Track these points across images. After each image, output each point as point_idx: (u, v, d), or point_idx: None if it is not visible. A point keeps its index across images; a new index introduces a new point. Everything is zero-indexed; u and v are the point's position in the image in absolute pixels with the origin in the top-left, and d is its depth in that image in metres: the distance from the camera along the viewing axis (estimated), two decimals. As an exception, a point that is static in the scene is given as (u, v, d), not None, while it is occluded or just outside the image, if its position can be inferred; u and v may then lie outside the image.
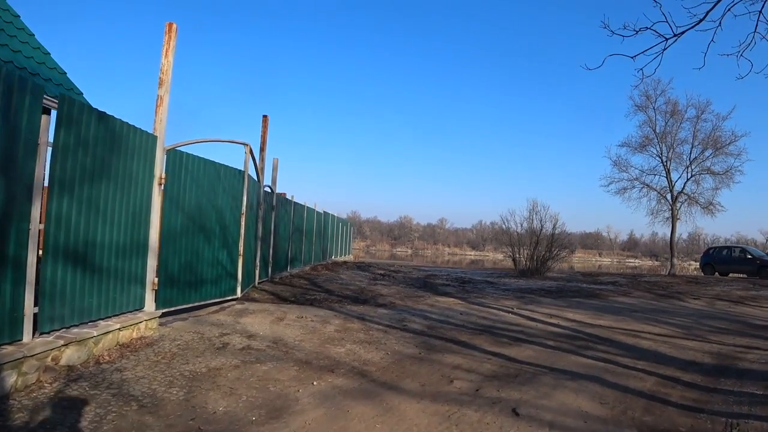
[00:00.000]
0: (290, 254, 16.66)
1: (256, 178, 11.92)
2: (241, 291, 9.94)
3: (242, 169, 9.85)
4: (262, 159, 12.84)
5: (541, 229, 20.09)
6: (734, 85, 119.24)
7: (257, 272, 12.25)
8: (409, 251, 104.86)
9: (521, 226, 20.51)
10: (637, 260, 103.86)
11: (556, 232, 20.13)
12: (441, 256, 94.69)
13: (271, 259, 13.83)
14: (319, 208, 22.19)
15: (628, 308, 11.36)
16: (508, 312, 10.18)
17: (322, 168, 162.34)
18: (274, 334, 7.17)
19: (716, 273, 25.35)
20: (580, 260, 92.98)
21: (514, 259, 20.21)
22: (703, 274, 25.92)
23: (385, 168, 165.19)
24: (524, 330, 8.31)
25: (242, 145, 10.05)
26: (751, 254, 24.67)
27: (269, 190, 13.75)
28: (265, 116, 13.21)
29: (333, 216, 26.84)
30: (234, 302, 9.55)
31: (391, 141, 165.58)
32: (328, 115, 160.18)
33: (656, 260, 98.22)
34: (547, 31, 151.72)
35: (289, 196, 16.69)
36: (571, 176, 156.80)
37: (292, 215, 16.82)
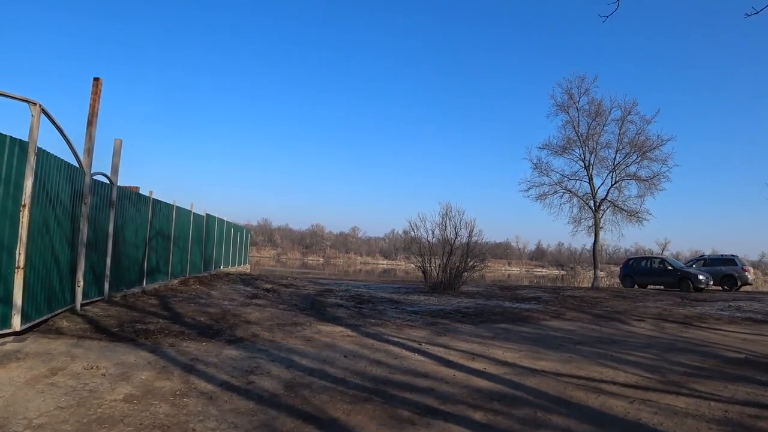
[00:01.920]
0: (147, 265, 13.09)
1: (77, 163, 8.67)
2: (28, 320, 6.87)
3: (22, 140, 6.58)
4: (90, 136, 9.36)
5: (455, 237, 17.66)
6: (660, 87, 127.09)
7: (79, 290, 8.90)
8: (321, 260, 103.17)
9: (432, 233, 17.99)
10: (544, 269, 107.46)
11: (473, 240, 17.79)
12: (353, 265, 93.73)
13: (108, 272, 10.37)
14: (199, 209, 18.55)
15: (569, 338, 8.95)
16: (414, 350, 7.37)
17: (231, 173, 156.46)
18: (2, 413, 3.98)
19: (635, 285, 24.39)
20: (491, 270, 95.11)
21: (424, 272, 17.62)
22: (622, 286, 24.90)
23: (297, 175, 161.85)
24: (436, 387, 5.49)
25: (26, 104, 6.72)
26: (671, 265, 23.88)
27: (105, 180, 10.23)
28: (96, 79, 9.71)
29: (221, 220, 23.17)
30: (11, 338, 6.30)
31: (303, 148, 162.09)
32: (239, 121, 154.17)
33: (562, 269, 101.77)
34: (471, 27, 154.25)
35: (146, 192, 13.13)
36: (481, 186, 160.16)
37: (151, 216, 13.22)
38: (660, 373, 6.55)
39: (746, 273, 24.50)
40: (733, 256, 25.40)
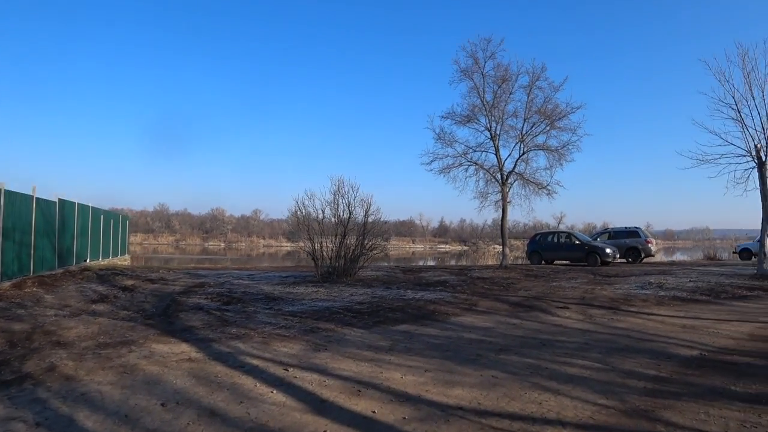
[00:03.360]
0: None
1: None
2: None
3: None
4: None
5: (349, 217, 15.45)
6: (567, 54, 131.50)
7: None
8: (222, 245, 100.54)
9: (323, 213, 15.66)
10: (447, 246, 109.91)
11: (370, 219, 15.66)
12: (256, 249, 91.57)
13: None
14: (47, 194, 15.14)
15: (488, 342, 7.09)
16: (275, 383, 5.15)
17: (123, 158, 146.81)
18: None
19: (543, 261, 23.67)
20: (395, 247, 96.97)
21: (314, 258, 15.32)
22: (529, 263, 24.09)
23: (196, 158, 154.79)
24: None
25: None
26: (578, 240, 23.36)
27: None
28: None
29: (85, 206, 19.63)
30: None
31: (200, 128, 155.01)
32: (130, 105, 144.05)
33: (465, 245, 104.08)
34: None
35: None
36: (385, 165, 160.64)
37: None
38: (617, 396, 4.77)
39: (650, 245, 24.63)
40: (636, 228, 25.38)
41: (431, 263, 46.01)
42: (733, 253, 30.05)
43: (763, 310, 9.85)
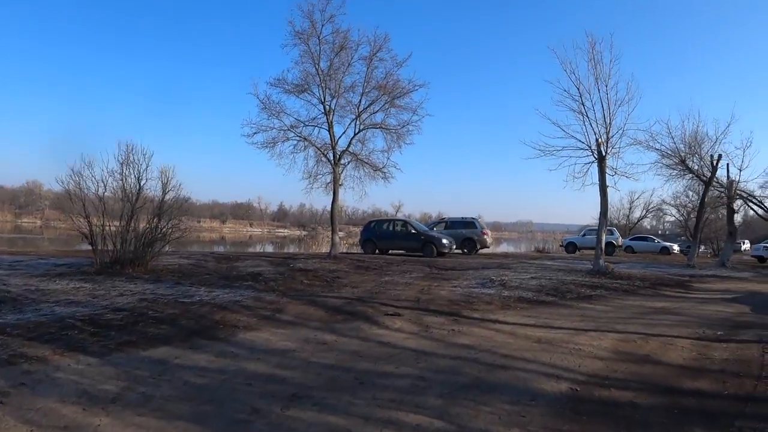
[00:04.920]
0: None
1: None
2: None
3: None
4: None
5: (139, 191, 12.19)
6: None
7: None
8: (39, 222, 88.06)
9: (104, 186, 12.15)
10: (286, 230, 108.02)
11: (168, 196, 12.48)
12: (80, 227, 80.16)
13: None
14: None
15: (278, 381, 4.72)
16: None
17: None
18: None
19: (377, 250, 22.19)
20: (232, 231, 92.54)
21: (92, 243, 11.82)
22: (363, 252, 22.46)
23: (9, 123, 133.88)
24: None
25: None
26: (415, 229, 22.33)
27: None
28: None
29: None
30: None
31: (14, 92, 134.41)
32: None
33: (304, 230, 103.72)
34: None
35: None
36: (220, 140, 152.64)
37: None
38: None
39: (485, 236, 24.53)
40: (473, 219, 25.18)
41: (270, 248, 43.12)
42: (560, 246, 31.81)
43: (614, 315, 8.79)
